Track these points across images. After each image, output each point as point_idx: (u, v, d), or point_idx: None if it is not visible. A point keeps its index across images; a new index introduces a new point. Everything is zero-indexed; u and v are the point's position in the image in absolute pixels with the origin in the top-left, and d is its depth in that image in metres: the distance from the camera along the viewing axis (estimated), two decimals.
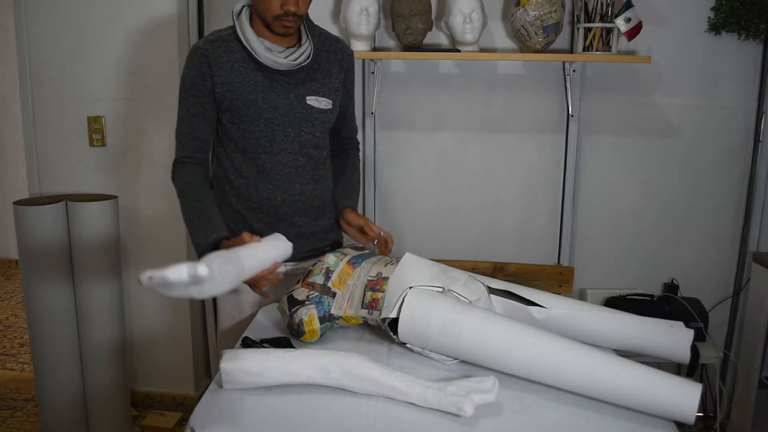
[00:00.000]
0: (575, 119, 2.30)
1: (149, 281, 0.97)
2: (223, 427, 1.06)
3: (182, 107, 1.57)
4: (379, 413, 1.09)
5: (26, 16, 2.30)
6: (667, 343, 1.30)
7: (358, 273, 1.38)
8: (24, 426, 2.47)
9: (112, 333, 2.25)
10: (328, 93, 1.60)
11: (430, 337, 1.23)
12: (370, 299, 1.32)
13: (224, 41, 1.52)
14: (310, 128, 1.58)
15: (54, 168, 2.41)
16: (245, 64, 1.51)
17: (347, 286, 1.37)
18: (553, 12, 2.03)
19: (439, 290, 1.29)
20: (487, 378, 1.09)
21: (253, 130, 1.54)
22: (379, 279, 1.34)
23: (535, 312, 1.31)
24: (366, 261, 1.42)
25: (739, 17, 2.15)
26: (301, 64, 1.53)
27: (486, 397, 1.05)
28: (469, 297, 1.31)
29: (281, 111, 1.54)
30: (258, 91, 1.52)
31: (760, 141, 2.29)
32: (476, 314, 1.22)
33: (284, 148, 1.56)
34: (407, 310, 1.25)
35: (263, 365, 1.13)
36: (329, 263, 1.41)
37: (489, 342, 1.18)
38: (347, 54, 1.66)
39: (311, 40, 1.56)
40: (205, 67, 1.50)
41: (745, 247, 2.38)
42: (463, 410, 1.03)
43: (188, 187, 1.56)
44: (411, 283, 1.29)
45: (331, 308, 1.35)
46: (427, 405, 1.08)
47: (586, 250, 2.45)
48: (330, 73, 1.61)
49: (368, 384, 1.12)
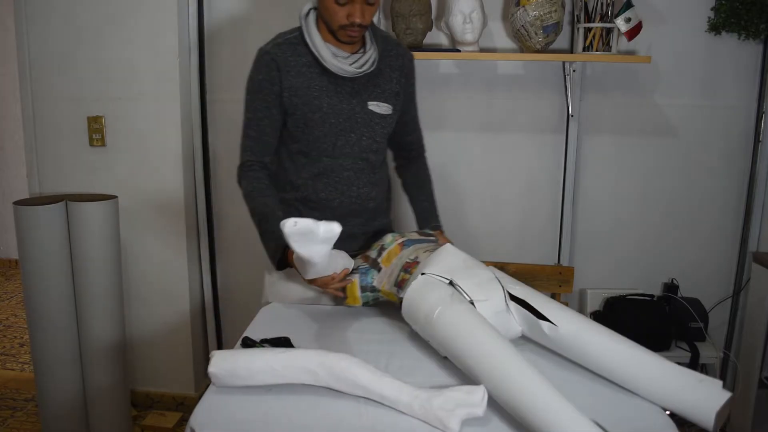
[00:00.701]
0: (575, 119, 2.30)
1: (294, 226, 1.17)
2: (223, 427, 1.06)
3: (249, 110, 1.59)
4: (379, 414, 1.09)
5: (26, 16, 2.30)
6: (692, 400, 1.10)
7: (403, 254, 1.48)
8: (24, 426, 2.47)
9: (112, 333, 2.25)
10: (388, 98, 1.60)
11: (417, 321, 1.30)
12: (401, 279, 1.42)
13: (291, 45, 1.54)
14: (370, 133, 1.59)
15: (54, 168, 2.41)
16: (311, 69, 1.53)
17: (391, 264, 1.48)
18: (553, 12, 2.03)
19: (445, 281, 1.33)
20: (477, 389, 1.07)
21: (318, 135, 1.56)
22: (414, 262, 1.43)
23: (546, 327, 1.27)
24: (414, 245, 1.50)
25: (739, 17, 2.15)
26: (366, 72, 1.53)
27: (473, 411, 1.04)
28: (474, 296, 1.30)
29: (344, 116, 1.56)
30: (323, 97, 1.53)
31: (760, 141, 2.29)
32: (456, 313, 1.22)
33: (345, 152, 1.58)
34: (409, 293, 1.33)
35: (251, 368, 1.14)
36: (386, 241, 1.54)
37: (457, 344, 1.18)
38: (407, 59, 1.66)
39: (375, 46, 1.56)
40: (274, 72, 1.52)
41: (745, 247, 2.38)
42: (449, 428, 1.03)
43: (255, 191, 1.57)
44: (426, 270, 1.35)
45: (374, 281, 1.48)
46: (414, 416, 1.07)
47: (586, 250, 2.45)
48: (391, 78, 1.61)
49: (357, 389, 1.12)
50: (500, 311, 1.32)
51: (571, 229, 2.41)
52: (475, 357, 1.14)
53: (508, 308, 1.33)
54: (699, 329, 2.28)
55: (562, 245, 2.41)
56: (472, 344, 1.16)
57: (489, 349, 1.13)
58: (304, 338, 1.34)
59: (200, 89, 2.38)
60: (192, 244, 2.47)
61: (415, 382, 1.12)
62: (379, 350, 1.33)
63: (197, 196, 2.46)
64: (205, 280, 2.55)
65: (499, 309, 1.32)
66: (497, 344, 1.14)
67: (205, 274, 2.55)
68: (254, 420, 1.08)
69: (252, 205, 1.57)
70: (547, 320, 1.26)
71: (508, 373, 1.07)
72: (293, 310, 1.60)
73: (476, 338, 1.16)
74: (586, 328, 1.24)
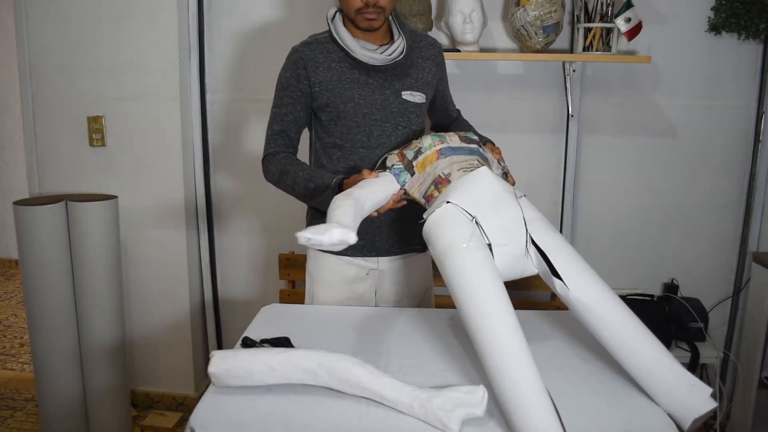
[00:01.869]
0: (575, 119, 2.30)
1: (307, 241, 1.13)
2: (223, 427, 1.06)
3: (276, 105, 1.62)
4: (379, 414, 1.09)
5: (26, 16, 2.30)
6: (679, 400, 1.12)
7: (438, 164, 1.41)
8: (24, 426, 2.47)
9: (112, 333, 2.25)
10: (421, 87, 1.64)
11: (434, 251, 1.26)
12: (430, 193, 1.38)
13: (320, 43, 1.58)
14: (406, 122, 1.62)
15: (54, 168, 2.41)
16: (342, 63, 1.56)
17: (425, 171, 1.42)
18: (553, 12, 2.03)
19: (469, 217, 1.28)
20: (477, 390, 1.07)
21: (351, 126, 1.58)
22: (446, 179, 1.37)
23: (558, 286, 1.24)
24: (452, 156, 1.43)
25: (739, 17, 2.15)
26: (395, 59, 1.56)
27: (473, 411, 1.04)
28: (494, 240, 1.26)
29: (378, 107, 1.58)
30: (354, 88, 1.56)
31: (760, 141, 2.29)
32: (471, 261, 1.19)
33: (381, 142, 1.60)
34: (431, 220, 1.29)
35: (251, 368, 1.14)
36: (424, 144, 1.46)
37: (462, 293, 1.16)
38: (438, 48, 1.71)
39: (403, 36, 1.59)
40: (301, 69, 1.56)
41: (745, 247, 2.38)
42: (449, 428, 1.03)
43: (287, 164, 1.57)
44: (452, 199, 1.30)
45: (405, 183, 1.43)
46: (413, 416, 1.07)
47: (586, 250, 2.44)
48: (423, 68, 1.64)
49: (356, 389, 1.12)
50: (518, 255, 1.28)
51: (571, 229, 2.41)
52: (473, 316, 1.12)
53: (528, 252, 1.29)
54: (699, 329, 2.28)
55: None
56: (476, 301, 1.13)
57: (489, 312, 1.11)
58: (304, 338, 1.34)
59: (200, 89, 2.38)
60: (192, 243, 2.47)
61: (414, 382, 1.12)
62: (379, 350, 1.33)
63: (197, 196, 2.46)
64: (205, 280, 2.55)
65: (518, 254, 1.28)
66: (499, 311, 1.12)
67: (205, 274, 2.55)
68: (254, 420, 1.08)
69: (290, 179, 1.54)
70: (561, 280, 1.23)
71: (499, 347, 1.07)
72: (293, 310, 1.60)
73: (480, 297, 1.14)
74: (599, 299, 1.22)
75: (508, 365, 1.05)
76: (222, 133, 2.45)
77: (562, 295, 1.24)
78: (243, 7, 2.34)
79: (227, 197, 2.51)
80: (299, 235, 1.13)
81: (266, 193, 2.47)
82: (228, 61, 2.39)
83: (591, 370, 1.26)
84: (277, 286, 2.47)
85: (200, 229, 2.50)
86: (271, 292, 2.51)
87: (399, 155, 1.47)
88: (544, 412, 1.00)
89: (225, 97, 2.42)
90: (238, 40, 2.36)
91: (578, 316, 1.23)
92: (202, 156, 2.43)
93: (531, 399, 1.01)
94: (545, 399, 1.01)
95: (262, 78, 2.37)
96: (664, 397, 1.12)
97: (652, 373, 1.14)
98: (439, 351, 1.33)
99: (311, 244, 1.14)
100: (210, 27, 2.36)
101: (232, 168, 2.49)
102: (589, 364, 1.28)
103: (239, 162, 2.47)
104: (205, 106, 2.42)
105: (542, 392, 1.02)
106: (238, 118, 2.44)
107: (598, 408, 1.11)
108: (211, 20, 2.36)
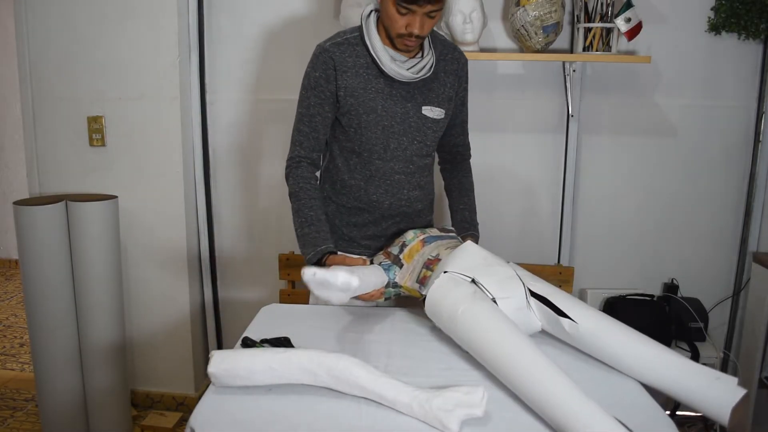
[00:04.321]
0: (575, 119, 2.30)
1: (312, 276, 1.25)
2: (223, 427, 1.06)
3: (302, 105, 1.59)
4: (379, 414, 1.09)
5: (26, 16, 2.30)
6: (709, 397, 1.13)
7: (424, 251, 1.50)
8: (24, 426, 2.47)
9: (112, 333, 2.25)
10: (442, 102, 1.61)
11: (441, 319, 1.32)
12: (423, 276, 1.44)
13: (351, 45, 1.54)
14: (422, 137, 1.61)
15: (54, 168, 2.41)
16: (369, 70, 1.54)
17: (413, 260, 1.50)
18: (553, 12, 2.03)
19: (467, 280, 1.35)
20: (476, 390, 1.07)
21: (370, 136, 1.57)
22: (436, 259, 1.45)
23: (566, 325, 1.28)
24: (436, 242, 1.52)
25: (739, 17, 2.15)
26: (422, 77, 1.54)
27: (472, 412, 1.04)
28: (496, 294, 1.32)
29: (398, 119, 1.57)
30: (379, 99, 1.54)
31: (760, 141, 2.29)
32: (479, 310, 1.24)
33: (397, 155, 1.60)
34: (433, 291, 1.35)
35: (250, 368, 1.14)
36: (407, 238, 1.56)
37: (480, 342, 1.20)
38: (462, 63, 1.66)
39: (433, 52, 1.56)
40: (331, 70, 1.53)
41: (745, 247, 2.38)
42: (448, 428, 1.03)
43: (301, 191, 1.58)
44: (448, 269, 1.37)
45: (396, 277, 1.49)
46: (413, 416, 1.08)
47: (586, 250, 2.45)
48: (445, 82, 1.62)
49: (356, 389, 1.12)
50: (521, 308, 1.33)
51: (571, 229, 2.41)
52: (498, 355, 1.15)
53: (529, 305, 1.35)
54: (699, 329, 2.28)
55: (562, 245, 2.41)
56: (496, 342, 1.17)
57: (511, 346, 1.15)
58: (304, 338, 1.34)
59: (200, 89, 2.38)
60: (192, 243, 2.47)
61: (414, 383, 1.12)
62: (379, 350, 1.33)
63: (197, 195, 2.46)
64: (205, 280, 2.55)
65: (521, 305, 1.34)
66: (519, 342, 1.15)
67: (205, 274, 2.55)
68: (254, 420, 1.08)
69: (296, 206, 1.58)
70: (567, 317, 1.28)
71: (530, 371, 1.09)
72: (293, 310, 1.60)
73: (499, 336, 1.18)
74: (606, 326, 1.26)
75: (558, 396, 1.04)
76: (222, 133, 2.45)
77: (571, 333, 1.28)
78: (243, 7, 2.34)
79: (227, 197, 2.51)
80: (306, 270, 1.24)
81: (266, 193, 2.48)
82: (228, 61, 2.39)
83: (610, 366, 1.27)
84: (277, 286, 2.47)
85: (200, 229, 2.50)
86: (271, 292, 2.51)
87: (384, 253, 1.56)
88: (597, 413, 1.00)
89: (225, 97, 2.42)
90: (238, 40, 2.36)
91: (589, 349, 1.27)
92: (202, 156, 2.43)
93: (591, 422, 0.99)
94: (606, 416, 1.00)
95: (262, 78, 2.37)
96: (694, 399, 1.14)
97: (677, 380, 1.16)
98: (439, 351, 1.33)
99: (316, 279, 1.24)
100: (210, 27, 2.36)
101: (232, 168, 2.49)
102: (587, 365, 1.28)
103: (239, 162, 2.47)
104: (205, 106, 2.42)
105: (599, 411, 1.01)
106: (238, 118, 2.44)
107: None
108: (211, 20, 2.36)
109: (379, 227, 1.67)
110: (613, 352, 1.23)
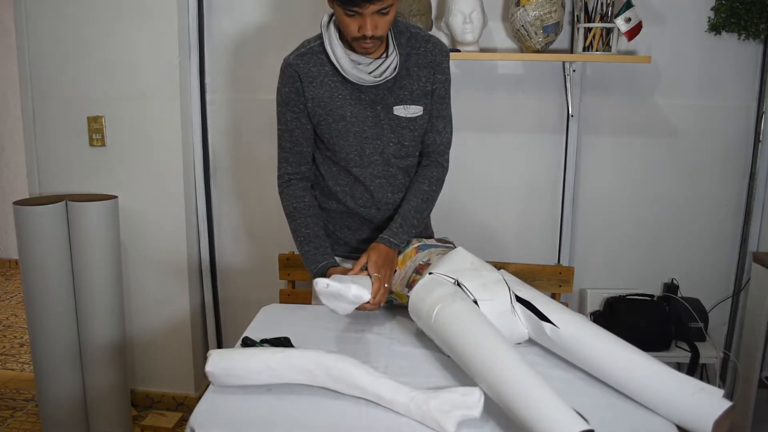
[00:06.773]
0: (575, 119, 2.30)
1: (326, 287, 1.30)
2: (223, 427, 1.06)
3: (280, 122, 1.60)
4: (377, 415, 1.09)
5: (26, 16, 2.29)
6: (690, 408, 1.07)
7: (417, 257, 1.52)
8: (24, 426, 2.47)
9: (112, 333, 2.25)
10: (417, 99, 1.55)
11: (420, 318, 1.32)
12: (412, 280, 1.46)
13: (314, 53, 1.52)
14: (398, 138, 1.57)
15: (54, 168, 2.41)
16: (334, 78, 1.51)
17: (405, 266, 1.52)
18: (553, 12, 2.03)
19: (451, 281, 1.35)
20: (473, 391, 1.07)
21: (344, 144, 1.56)
22: (426, 264, 1.47)
23: (548, 329, 1.26)
24: (429, 249, 1.54)
25: (739, 17, 2.15)
26: (386, 79, 1.49)
27: (469, 413, 1.04)
28: (478, 295, 1.31)
29: (369, 124, 1.54)
30: (347, 106, 1.52)
31: (760, 141, 2.29)
32: (456, 310, 1.24)
33: (374, 160, 1.58)
34: (415, 291, 1.35)
35: (248, 368, 1.14)
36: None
37: (455, 340, 1.20)
38: (436, 53, 1.55)
39: (397, 50, 1.50)
40: (297, 83, 1.52)
41: (745, 247, 2.38)
42: (445, 429, 1.03)
43: (295, 212, 1.60)
44: (433, 270, 1.38)
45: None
46: (411, 417, 1.08)
47: (586, 250, 2.45)
48: (419, 77, 1.54)
49: (354, 390, 1.12)
50: (505, 312, 1.32)
51: (571, 229, 2.41)
52: (471, 353, 1.14)
53: (514, 309, 1.33)
54: (699, 329, 2.28)
55: (562, 245, 2.41)
56: (469, 340, 1.16)
57: (484, 345, 1.13)
58: (304, 338, 1.34)
59: (200, 89, 2.38)
60: (192, 243, 2.47)
61: (413, 383, 1.12)
62: (378, 350, 1.33)
63: (197, 195, 2.46)
64: (205, 279, 2.56)
65: (504, 309, 1.32)
66: (493, 341, 1.14)
67: (205, 274, 2.55)
68: (254, 420, 1.08)
69: (293, 226, 1.61)
70: (549, 322, 1.26)
71: (501, 369, 1.07)
72: (293, 310, 1.60)
73: (472, 334, 1.16)
74: (588, 332, 1.23)
75: (527, 391, 1.02)
76: (222, 133, 2.45)
77: (552, 338, 1.27)
78: (243, 7, 2.34)
79: (227, 197, 2.51)
80: (319, 281, 1.30)
81: (266, 193, 2.48)
82: (228, 61, 2.39)
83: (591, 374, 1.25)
84: (277, 286, 2.47)
85: (200, 229, 2.50)
86: (271, 292, 2.51)
87: None
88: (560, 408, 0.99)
89: (225, 97, 2.42)
90: (238, 40, 2.36)
91: (570, 355, 1.25)
92: (202, 156, 2.43)
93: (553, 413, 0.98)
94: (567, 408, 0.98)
95: (262, 78, 2.37)
96: (675, 410, 1.08)
97: (657, 390, 1.10)
98: (437, 352, 1.32)
99: (329, 291, 1.30)
100: (210, 27, 2.36)
101: (232, 168, 2.49)
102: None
103: (239, 162, 2.47)
104: (205, 106, 2.42)
105: (561, 403, 0.99)
106: (238, 118, 2.44)
107: (596, 411, 1.10)
108: (211, 20, 2.36)
109: (372, 231, 1.66)
110: (594, 358, 1.19)
